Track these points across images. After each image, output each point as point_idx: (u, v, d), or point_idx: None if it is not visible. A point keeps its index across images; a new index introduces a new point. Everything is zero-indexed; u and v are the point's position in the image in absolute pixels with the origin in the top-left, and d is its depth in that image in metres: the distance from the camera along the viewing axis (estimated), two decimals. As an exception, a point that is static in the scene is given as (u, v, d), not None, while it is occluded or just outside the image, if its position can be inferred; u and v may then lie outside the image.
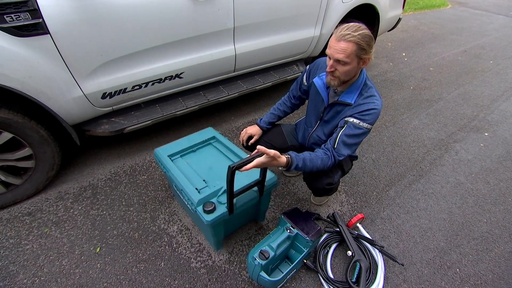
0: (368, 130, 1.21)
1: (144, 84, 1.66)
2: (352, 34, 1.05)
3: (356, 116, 1.19)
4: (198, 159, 1.45)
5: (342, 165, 1.40)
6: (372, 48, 1.10)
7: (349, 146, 1.21)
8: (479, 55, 4.16)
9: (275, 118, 1.57)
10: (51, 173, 1.60)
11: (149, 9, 1.46)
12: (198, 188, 1.23)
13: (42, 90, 1.34)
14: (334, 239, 1.45)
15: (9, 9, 1.13)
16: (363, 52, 1.08)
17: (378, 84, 3.16)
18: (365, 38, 1.06)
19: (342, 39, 1.06)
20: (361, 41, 1.05)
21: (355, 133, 1.19)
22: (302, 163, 1.16)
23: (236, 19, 1.79)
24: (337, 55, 1.09)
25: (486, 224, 1.66)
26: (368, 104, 1.18)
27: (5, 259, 1.33)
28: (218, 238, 1.32)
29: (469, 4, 7.56)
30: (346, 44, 1.06)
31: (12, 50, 1.20)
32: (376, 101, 1.19)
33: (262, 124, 1.56)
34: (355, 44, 1.06)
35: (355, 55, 1.08)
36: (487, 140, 2.39)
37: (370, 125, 1.20)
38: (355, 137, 1.21)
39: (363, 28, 1.08)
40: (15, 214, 1.53)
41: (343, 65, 1.11)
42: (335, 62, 1.12)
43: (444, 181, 1.95)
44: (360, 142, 1.24)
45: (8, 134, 1.35)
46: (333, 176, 1.35)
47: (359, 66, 1.14)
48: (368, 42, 1.08)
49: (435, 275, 1.39)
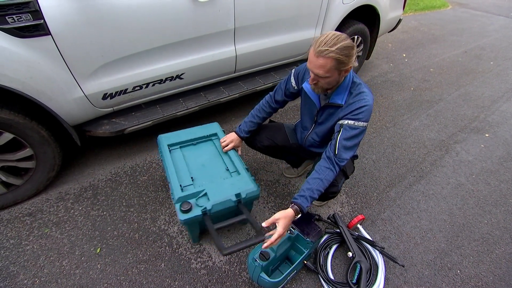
0: (364, 128, 1.20)
1: (144, 85, 1.66)
2: (330, 49, 1.01)
3: (349, 117, 1.18)
4: (195, 153, 1.49)
5: (345, 171, 1.39)
6: (352, 57, 1.07)
7: (350, 148, 1.20)
8: (480, 56, 4.16)
9: (254, 126, 1.52)
10: (51, 173, 1.61)
11: (150, 10, 1.46)
12: (182, 185, 1.29)
13: (43, 90, 1.34)
14: (334, 240, 1.45)
15: (11, 10, 1.13)
16: (342, 65, 1.06)
17: (378, 85, 3.16)
18: (344, 51, 1.03)
19: (320, 55, 1.03)
20: (339, 56, 1.02)
21: (352, 134, 1.18)
22: (310, 200, 1.16)
23: (236, 20, 1.79)
24: (316, 70, 1.08)
25: (487, 226, 1.66)
26: (359, 102, 1.17)
27: (5, 260, 1.33)
28: (192, 234, 1.38)
29: (470, 5, 7.57)
30: (325, 60, 1.04)
31: (13, 51, 1.20)
32: (366, 97, 1.18)
33: (242, 134, 1.51)
34: (334, 59, 1.03)
35: (335, 69, 1.07)
36: (488, 141, 2.39)
37: (365, 122, 1.19)
38: (354, 138, 1.20)
39: (341, 40, 1.03)
40: (16, 214, 1.53)
41: (323, 78, 1.11)
42: (316, 76, 1.11)
43: (445, 182, 1.94)
44: (359, 141, 1.23)
45: (9, 135, 1.36)
46: (337, 185, 1.35)
47: (341, 76, 1.13)
48: (347, 54, 1.04)
49: (436, 276, 1.39)
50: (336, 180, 1.34)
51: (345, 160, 1.21)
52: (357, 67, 3.10)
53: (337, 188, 1.35)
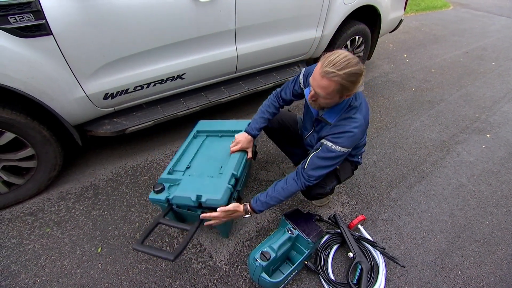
0: (342, 153, 1.14)
1: (146, 85, 1.66)
2: (337, 73, 0.96)
3: (329, 139, 1.15)
4: (213, 145, 1.52)
5: (338, 174, 1.37)
6: (357, 84, 1.02)
7: (319, 168, 1.17)
8: (481, 57, 4.15)
9: (265, 123, 1.45)
10: (53, 173, 1.61)
11: (151, 10, 1.46)
12: (174, 169, 1.35)
13: (45, 90, 1.35)
14: (335, 240, 1.45)
15: (13, 10, 1.13)
16: (345, 91, 1.02)
17: (379, 85, 3.16)
18: (351, 77, 0.98)
19: (326, 76, 0.98)
20: (345, 81, 0.98)
21: (326, 156, 1.15)
22: (266, 206, 1.20)
23: (238, 20, 1.79)
24: (318, 90, 1.04)
25: (488, 226, 1.66)
26: (343, 127, 1.13)
27: (7, 259, 1.33)
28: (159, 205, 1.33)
29: (471, 5, 7.55)
30: (329, 83, 0.99)
31: (15, 51, 1.20)
32: (353, 123, 1.12)
33: (252, 132, 1.42)
34: (339, 84, 0.99)
35: (337, 93, 1.03)
36: (489, 142, 2.38)
37: (343, 148, 1.13)
38: (327, 160, 1.16)
39: (351, 65, 0.97)
40: (17, 214, 1.53)
41: (323, 98, 1.07)
42: (316, 93, 1.08)
43: (446, 183, 1.94)
44: (333, 165, 1.18)
45: (10, 134, 1.36)
46: (325, 186, 1.33)
47: (341, 99, 1.10)
48: (354, 80, 0.99)
49: (437, 277, 1.38)
50: (325, 182, 1.32)
51: (312, 177, 1.18)
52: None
53: (324, 189, 1.33)
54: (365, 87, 3.11)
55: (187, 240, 1.12)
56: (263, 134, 2.24)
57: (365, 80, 3.25)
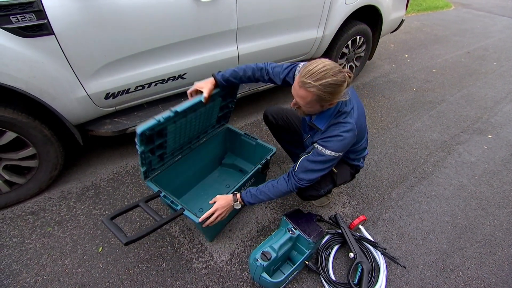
0: (332, 158, 1.14)
1: (147, 84, 1.67)
2: (313, 84, 0.97)
3: (319, 142, 1.15)
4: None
5: (334, 178, 1.36)
6: (338, 94, 1.03)
7: (309, 172, 1.17)
8: (483, 57, 4.14)
9: (236, 78, 1.33)
10: (54, 172, 1.61)
11: (153, 10, 1.46)
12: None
13: (46, 90, 1.35)
14: (336, 240, 1.45)
15: (15, 10, 1.14)
16: (324, 102, 1.03)
17: (380, 86, 3.16)
18: (328, 88, 0.98)
19: (303, 86, 1.00)
20: (321, 92, 0.99)
21: (316, 159, 1.15)
22: (255, 199, 1.22)
23: (239, 20, 1.79)
24: (297, 99, 1.07)
25: (490, 227, 1.65)
26: (333, 131, 1.13)
27: (8, 258, 1.33)
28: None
29: (473, 5, 7.53)
30: (306, 93, 1.01)
31: (17, 51, 1.21)
32: (342, 128, 1.12)
33: (220, 78, 1.32)
34: (315, 94, 1.00)
35: (316, 102, 1.04)
36: (491, 142, 2.38)
37: (334, 152, 1.12)
38: (317, 164, 1.16)
39: (328, 75, 0.97)
40: (19, 213, 1.54)
41: (304, 107, 1.09)
42: (297, 101, 1.09)
43: (447, 183, 1.94)
44: (324, 169, 1.17)
45: (12, 134, 1.36)
46: (319, 189, 1.33)
47: (324, 107, 1.10)
48: (332, 91, 0.99)
49: (438, 278, 1.38)
50: (320, 185, 1.32)
51: (303, 180, 1.18)
52: (359, 68, 3.10)
53: (318, 192, 1.32)
54: (366, 87, 3.11)
55: (149, 230, 1.11)
56: (265, 133, 2.24)
57: (366, 80, 3.28)
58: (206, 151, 1.68)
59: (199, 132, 1.58)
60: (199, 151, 1.63)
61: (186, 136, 1.47)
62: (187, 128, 1.43)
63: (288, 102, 2.69)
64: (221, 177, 1.79)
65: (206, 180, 1.76)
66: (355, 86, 3.11)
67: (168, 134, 1.32)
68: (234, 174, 1.80)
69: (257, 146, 1.65)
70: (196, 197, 1.65)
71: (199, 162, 1.66)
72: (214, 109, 1.53)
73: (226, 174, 1.81)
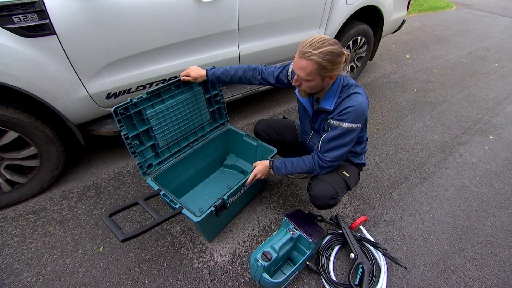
0: (350, 129, 1.15)
1: (148, 84, 1.67)
2: (313, 52, 1.00)
3: (335, 118, 1.16)
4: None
5: (348, 183, 1.35)
6: (338, 64, 1.04)
7: (332, 149, 1.19)
8: (484, 57, 4.14)
9: (226, 78, 1.40)
10: (55, 172, 1.62)
11: (154, 10, 1.46)
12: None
13: (48, 90, 1.35)
14: (337, 241, 1.44)
15: (17, 10, 1.14)
16: (324, 71, 1.04)
17: (381, 86, 3.15)
18: (327, 56, 1.00)
19: (303, 56, 1.03)
20: (322, 60, 1.00)
21: (335, 134, 1.17)
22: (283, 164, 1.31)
23: (240, 21, 1.80)
24: (298, 71, 1.08)
25: (491, 228, 1.65)
26: (345, 103, 1.14)
27: (10, 257, 1.34)
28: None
29: (474, 6, 7.52)
30: (306, 63, 1.03)
31: (19, 50, 1.21)
32: (354, 98, 1.13)
33: (209, 72, 1.40)
34: (316, 63, 1.01)
35: (317, 73, 1.05)
36: (492, 143, 2.37)
37: (351, 123, 1.14)
38: (337, 139, 1.17)
39: (327, 44, 1.01)
40: (20, 212, 1.54)
41: (306, 81, 1.09)
42: (298, 77, 1.10)
43: (448, 184, 1.93)
44: (345, 143, 1.19)
45: (14, 133, 1.37)
46: (337, 197, 1.30)
47: (324, 82, 1.11)
48: (331, 59, 1.02)
49: (439, 279, 1.38)
50: (337, 192, 1.29)
51: (326, 157, 1.22)
52: (360, 69, 3.10)
53: (335, 200, 1.30)
54: (367, 87, 3.10)
55: (146, 228, 1.11)
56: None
57: (367, 81, 3.27)
58: (207, 151, 1.68)
59: (194, 127, 1.59)
60: (200, 151, 1.63)
61: (177, 128, 1.48)
62: (173, 117, 1.44)
63: (288, 102, 2.69)
64: (222, 177, 1.79)
65: (207, 181, 1.76)
66: (356, 87, 3.11)
67: (150, 120, 1.34)
68: (235, 175, 1.80)
69: (258, 147, 1.65)
70: (196, 197, 1.65)
71: (200, 162, 1.66)
72: (198, 99, 1.54)
73: (228, 175, 1.81)
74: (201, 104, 1.57)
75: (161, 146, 1.44)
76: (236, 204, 1.46)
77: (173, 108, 1.43)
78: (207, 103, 1.61)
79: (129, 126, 1.31)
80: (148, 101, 1.34)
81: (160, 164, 1.46)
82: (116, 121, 1.25)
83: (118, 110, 1.24)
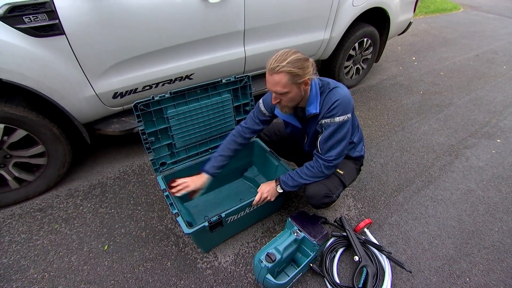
0: (343, 122, 1.17)
1: (154, 84, 1.68)
2: (280, 65, 1.05)
3: (325, 116, 1.19)
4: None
5: (343, 180, 1.35)
6: (307, 69, 1.09)
7: (332, 147, 1.21)
8: (492, 60, 4.09)
9: (225, 161, 1.38)
10: (62, 170, 1.64)
11: (162, 11, 1.48)
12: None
13: (56, 89, 1.38)
14: (341, 243, 1.44)
15: (28, 10, 1.16)
16: (297, 78, 1.08)
17: (387, 88, 3.13)
18: (295, 63, 1.06)
19: (273, 72, 1.07)
20: (291, 68, 1.05)
21: (330, 132, 1.18)
22: (290, 176, 1.28)
23: (246, 22, 1.80)
24: (274, 88, 1.11)
25: (498, 233, 1.63)
26: (330, 100, 1.17)
27: (16, 254, 1.36)
28: None
29: (482, 8, 7.44)
30: (279, 76, 1.07)
31: (29, 50, 1.23)
32: (336, 92, 1.17)
33: (211, 171, 1.35)
34: (287, 73, 1.06)
35: (292, 83, 1.08)
36: (499, 147, 2.34)
37: (341, 116, 1.16)
38: (333, 136, 1.19)
39: (290, 54, 1.07)
40: (27, 209, 1.56)
41: (284, 95, 1.12)
42: (276, 94, 1.13)
43: (454, 187, 1.91)
44: (342, 137, 1.20)
45: (22, 132, 1.39)
46: (331, 195, 1.29)
47: (301, 90, 1.13)
48: (300, 65, 1.07)
49: (444, 283, 1.36)
50: (331, 191, 1.29)
51: (330, 157, 1.22)
52: (366, 70, 3.08)
53: (330, 199, 1.30)
54: (373, 90, 3.09)
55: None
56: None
57: (373, 83, 3.26)
58: None
59: (217, 133, 1.56)
60: None
61: (197, 132, 1.45)
62: (195, 120, 1.42)
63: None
64: (239, 189, 1.72)
65: (223, 189, 1.70)
66: (361, 89, 3.10)
67: (170, 120, 1.32)
68: (251, 190, 1.71)
69: (278, 167, 1.56)
70: (208, 202, 1.60)
71: None
72: (225, 106, 1.51)
73: (245, 187, 1.74)
74: (227, 112, 1.54)
75: (178, 147, 1.43)
76: (240, 222, 1.40)
77: (196, 112, 1.41)
78: (235, 111, 1.58)
79: (148, 122, 1.30)
80: (171, 101, 1.33)
81: (175, 164, 1.44)
82: (135, 116, 1.25)
83: (139, 106, 1.23)
